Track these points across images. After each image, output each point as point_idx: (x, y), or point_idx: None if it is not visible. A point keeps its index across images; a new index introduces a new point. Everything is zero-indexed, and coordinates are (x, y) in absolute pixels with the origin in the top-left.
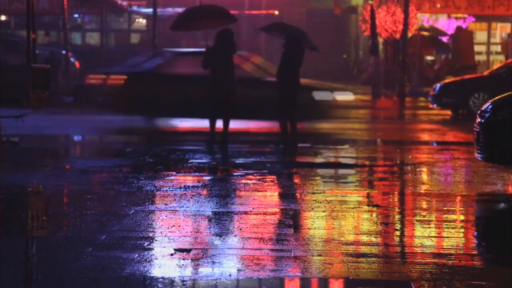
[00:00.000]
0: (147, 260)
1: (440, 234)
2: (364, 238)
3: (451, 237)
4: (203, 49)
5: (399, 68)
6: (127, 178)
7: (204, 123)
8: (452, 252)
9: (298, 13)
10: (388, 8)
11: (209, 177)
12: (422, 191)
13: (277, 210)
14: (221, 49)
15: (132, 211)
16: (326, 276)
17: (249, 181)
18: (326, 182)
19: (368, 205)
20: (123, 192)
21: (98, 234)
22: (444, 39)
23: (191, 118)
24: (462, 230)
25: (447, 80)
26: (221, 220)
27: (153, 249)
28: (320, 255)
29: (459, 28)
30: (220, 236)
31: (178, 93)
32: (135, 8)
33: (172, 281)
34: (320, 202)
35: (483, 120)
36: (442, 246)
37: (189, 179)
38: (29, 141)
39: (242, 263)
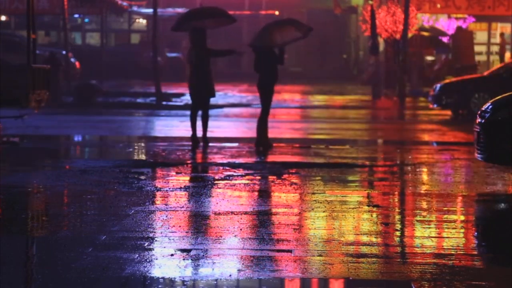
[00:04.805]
0: (147, 260)
1: (440, 234)
2: (364, 238)
3: (451, 237)
4: None
5: (399, 68)
6: (127, 178)
7: None
8: (452, 252)
9: (298, 13)
10: (388, 8)
11: (208, 177)
12: (422, 191)
13: (277, 210)
14: (194, 48)
15: (132, 211)
16: (326, 276)
17: (249, 181)
18: (326, 182)
19: (368, 205)
20: (123, 192)
21: (98, 234)
22: (444, 39)
23: None
24: (462, 230)
25: (447, 80)
26: (221, 220)
27: (153, 249)
28: (320, 255)
29: (459, 28)
30: (220, 236)
31: None
32: (135, 8)
33: (172, 281)
34: (320, 202)
35: (483, 120)
36: (442, 246)
37: (188, 179)
38: (29, 141)
39: (242, 263)
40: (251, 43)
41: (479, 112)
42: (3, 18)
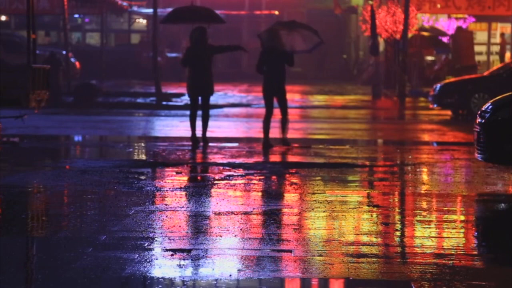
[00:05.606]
0: (147, 260)
1: (441, 234)
2: (365, 239)
3: (451, 237)
4: None
5: (399, 68)
6: (127, 178)
7: None
8: (453, 252)
9: (298, 13)
10: (388, 9)
11: (208, 177)
12: (422, 192)
13: (277, 210)
14: (195, 48)
15: (132, 211)
16: (326, 276)
17: (249, 181)
18: (326, 182)
19: (369, 206)
20: (123, 192)
21: (98, 234)
22: (444, 39)
23: None
24: (462, 230)
25: (447, 81)
26: (221, 220)
27: (153, 249)
28: (320, 255)
29: (459, 28)
30: (220, 236)
31: None
32: (135, 8)
33: (172, 281)
34: (321, 202)
35: (483, 120)
36: (443, 246)
37: (188, 179)
38: (29, 141)
39: (242, 263)
40: (268, 44)
41: (479, 112)
42: (3, 18)
